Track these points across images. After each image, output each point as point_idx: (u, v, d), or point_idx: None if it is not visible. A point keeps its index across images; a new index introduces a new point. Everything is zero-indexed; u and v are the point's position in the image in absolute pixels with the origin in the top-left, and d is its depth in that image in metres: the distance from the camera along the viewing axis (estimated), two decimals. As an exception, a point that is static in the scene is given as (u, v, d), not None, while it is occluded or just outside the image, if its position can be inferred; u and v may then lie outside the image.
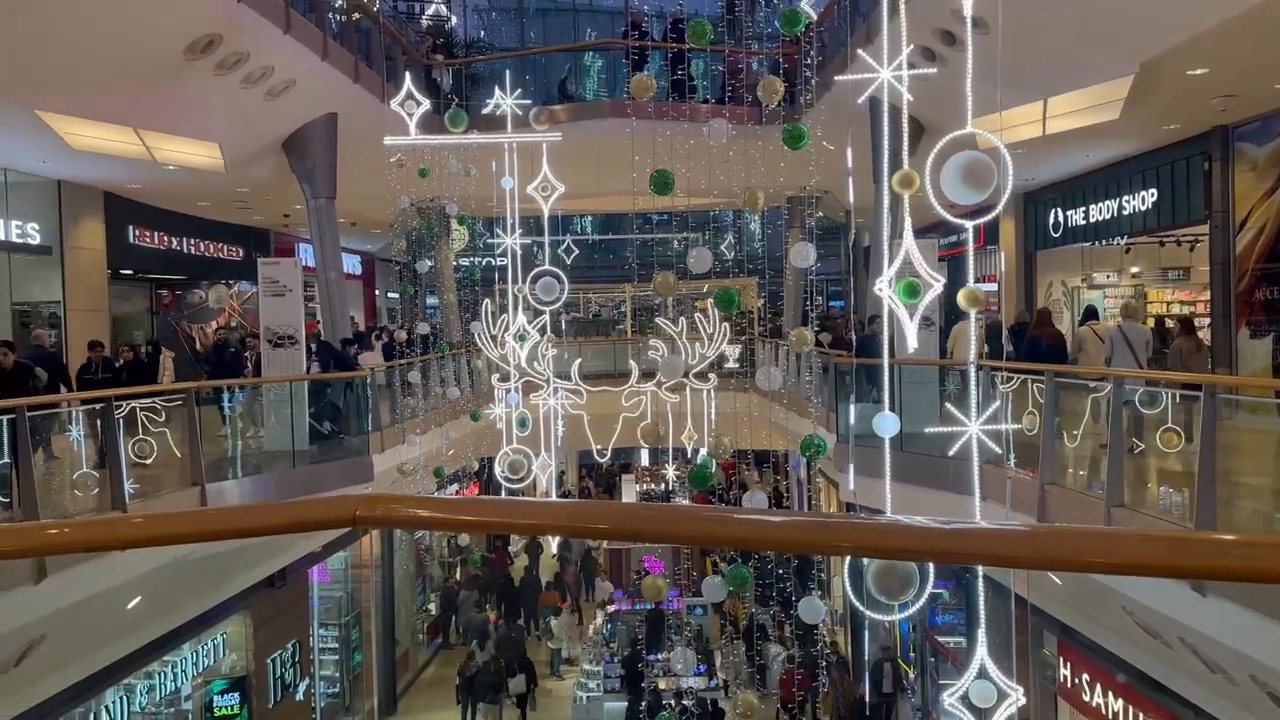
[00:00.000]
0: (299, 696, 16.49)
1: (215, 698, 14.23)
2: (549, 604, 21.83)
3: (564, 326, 15.00)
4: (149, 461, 10.40)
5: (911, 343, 5.43)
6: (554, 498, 12.11)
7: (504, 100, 12.01)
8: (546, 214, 11.21)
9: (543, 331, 11.44)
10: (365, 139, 14.00)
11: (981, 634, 6.25)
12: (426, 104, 11.70)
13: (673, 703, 16.22)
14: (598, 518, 2.21)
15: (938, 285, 5.34)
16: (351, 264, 28.21)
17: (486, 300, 13.14)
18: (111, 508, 8.76)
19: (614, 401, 12.76)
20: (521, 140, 11.29)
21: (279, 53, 12.97)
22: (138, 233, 18.82)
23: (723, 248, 31.88)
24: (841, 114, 8.71)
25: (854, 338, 13.64)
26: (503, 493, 12.62)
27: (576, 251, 30.65)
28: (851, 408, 11.20)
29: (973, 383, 5.87)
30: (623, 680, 18.05)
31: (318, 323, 16.27)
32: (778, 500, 16.53)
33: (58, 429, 10.36)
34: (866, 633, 15.56)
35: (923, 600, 5.65)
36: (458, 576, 22.78)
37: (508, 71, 12.81)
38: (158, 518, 2.19)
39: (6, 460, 7.99)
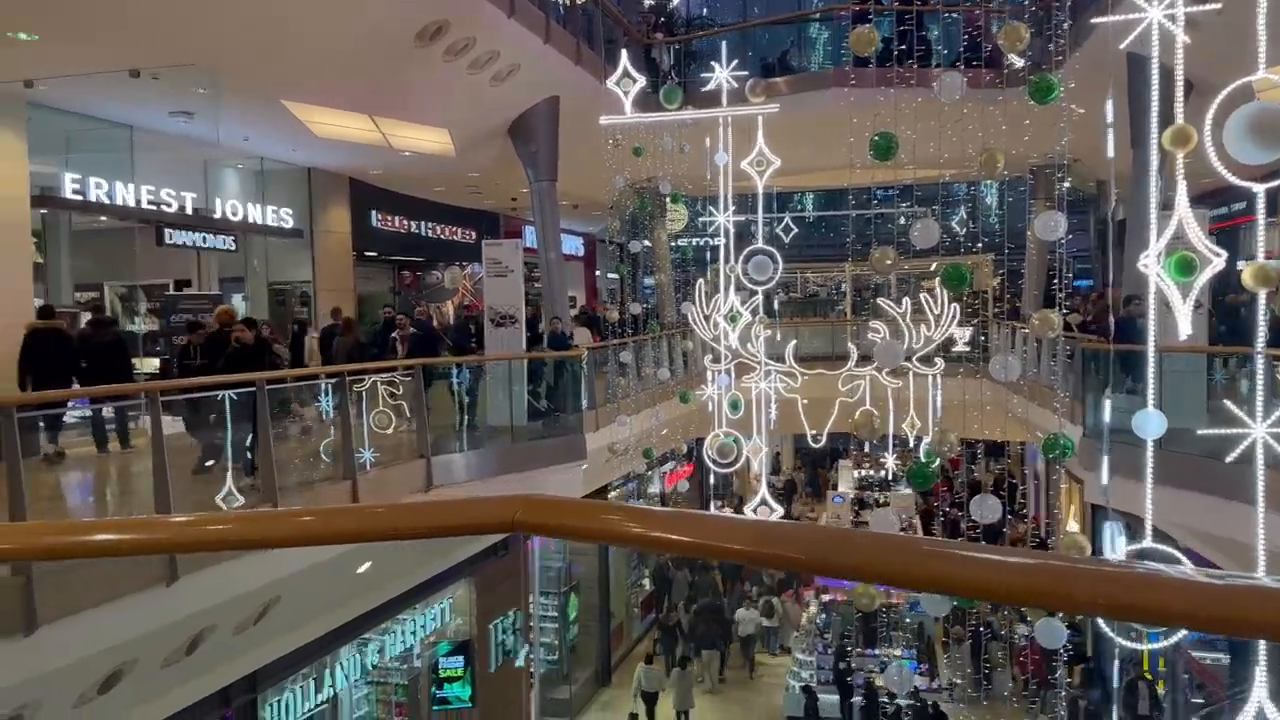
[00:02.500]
0: (519, 663, 17.06)
1: (441, 659, 14.95)
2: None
3: (776, 307, 14.52)
4: (389, 431, 10.92)
5: (1184, 328, 4.60)
6: (764, 485, 11.70)
7: (720, 73, 11.63)
8: (761, 190, 10.76)
9: (755, 312, 11.02)
10: (586, 120, 14.09)
11: (1260, 673, 5.30)
12: (641, 81, 11.52)
13: (886, 700, 15.49)
14: (789, 542, 1.80)
15: (1218, 261, 4.49)
16: (574, 245, 28.86)
17: (700, 280, 12.88)
18: (343, 478, 9.22)
19: (831, 385, 12.16)
20: (735, 114, 10.88)
21: (503, 37, 13.22)
22: (380, 217, 20.01)
23: (953, 223, 30.09)
24: (1096, 71, 7.71)
25: (1110, 320, 12.29)
26: (711, 476, 12.34)
27: (795, 230, 29.89)
28: (1106, 400, 10.03)
29: (1259, 375, 4.94)
30: (835, 674, 17.47)
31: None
32: (1010, 499, 15.29)
33: (301, 401, 11.11)
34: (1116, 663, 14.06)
35: (1179, 635, 4.82)
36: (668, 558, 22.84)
37: (723, 44, 12.42)
38: (312, 515, 1.99)
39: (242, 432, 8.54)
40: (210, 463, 8.71)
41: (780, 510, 11.87)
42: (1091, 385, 11.13)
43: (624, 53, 11.45)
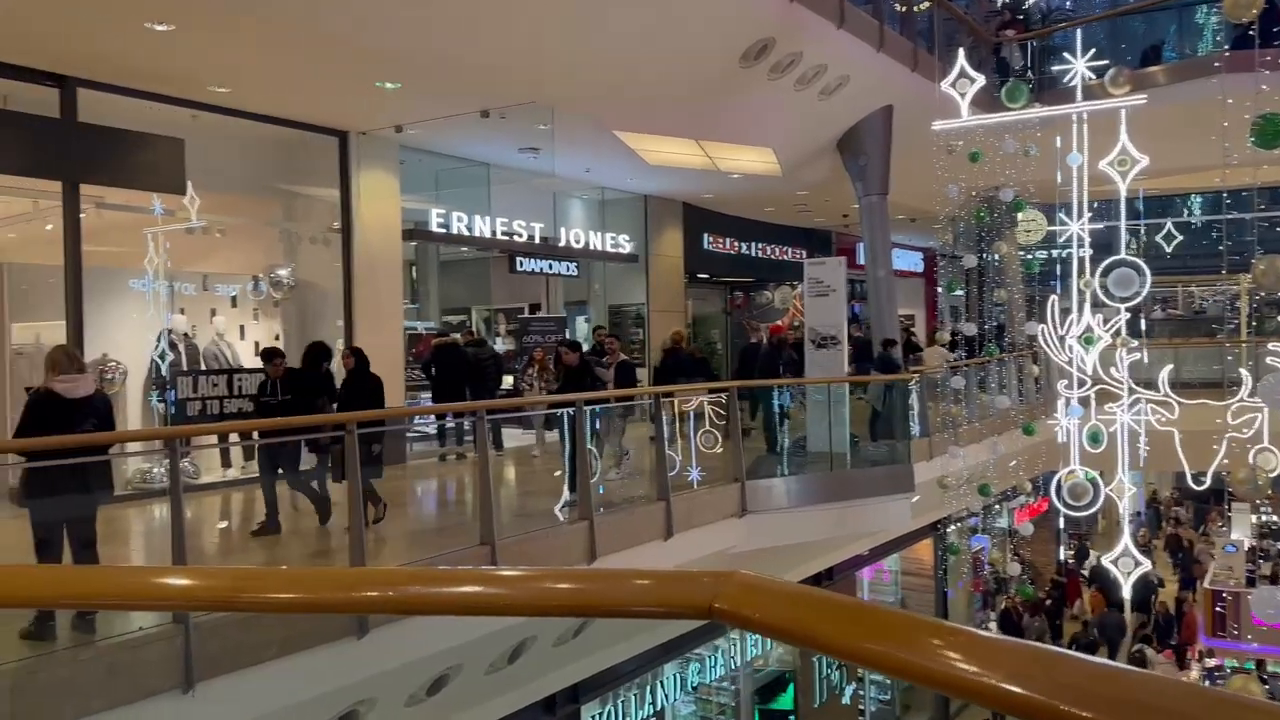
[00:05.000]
0: (845, 700, 16.37)
1: (765, 688, 14.75)
2: None
3: (1143, 325, 12.65)
4: (718, 450, 10.86)
5: None
6: (1127, 534, 10.16)
7: (1076, 65, 10.40)
8: (1124, 193, 9.41)
9: (1116, 333, 9.63)
10: (923, 128, 13.28)
11: None
12: (980, 81, 10.56)
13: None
14: (1073, 694, 1.19)
15: None
16: (911, 261, 27.55)
17: (1053, 297, 11.59)
18: (657, 499, 9.23)
19: (1217, 417, 10.43)
20: (1092, 109, 9.61)
21: (832, 50, 12.77)
22: (711, 239, 20.34)
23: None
24: None
25: None
26: (1061, 520, 10.98)
27: (1180, 237, 26.23)
28: None
29: None
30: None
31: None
32: None
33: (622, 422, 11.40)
34: None
35: None
36: (1015, 599, 20.88)
37: (1078, 33, 11.04)
38: (475, 577, 1.71)
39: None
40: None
41: (1147, 563, 10.27)
42: None
43: (960, 52, 10.56)
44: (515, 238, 15.08)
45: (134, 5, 8.11)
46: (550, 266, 16.16)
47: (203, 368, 11.43)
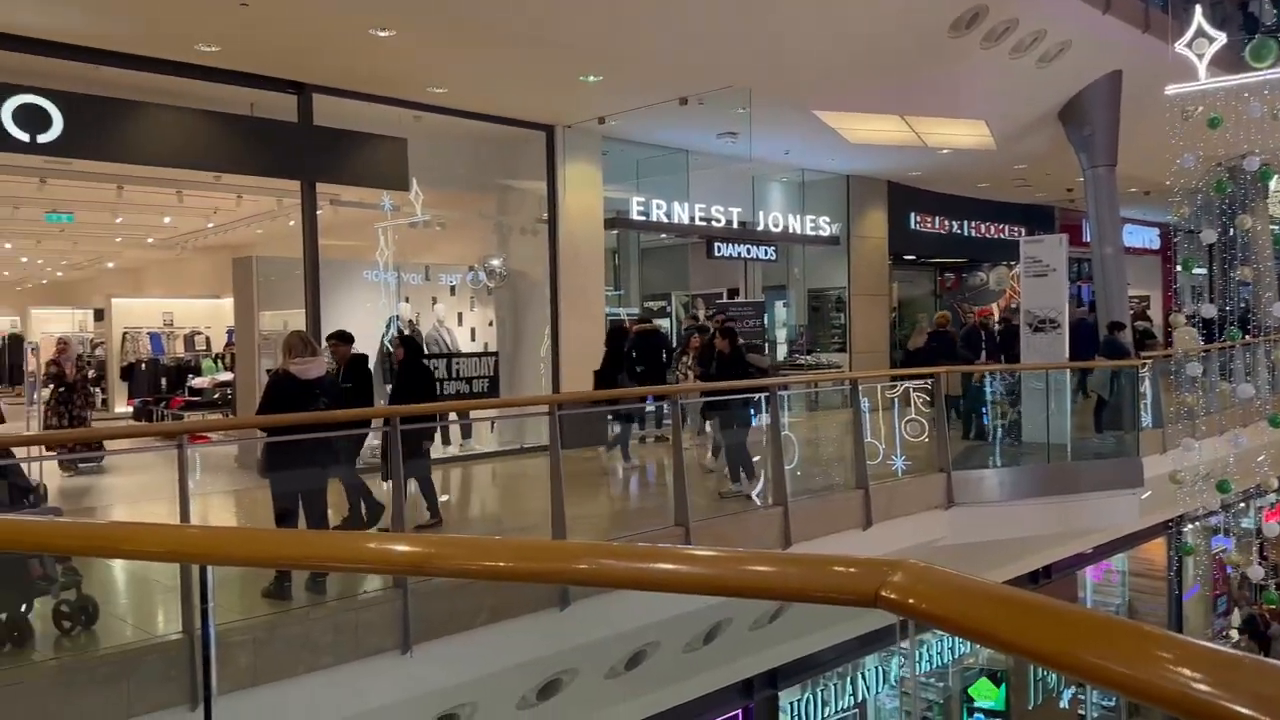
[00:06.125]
0: (1063, 703, 15.49)
1: (974, 686, 14.18)
2: None
3: None
4: (924, 438, 10.53)
5: None
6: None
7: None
8: (1399, 154, 8.26)
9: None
10: (1156, 94, 12.23)
11: None
12: (1221, 39, 9.56)
13: None
14: None
15: None
16: (1146, 237, 25.44)
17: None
18: (855, 487, 9.03)
19: None
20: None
21: (1051, 14, 11.99)
22: (918, 219, 19.56)
23: None
24: None
25: None
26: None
27: None
28: None
29: None
30: None
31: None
32: None
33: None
34: None
35: None
36: (1261, 606, 18.87)
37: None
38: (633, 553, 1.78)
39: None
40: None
41: None
42: None
43: (1197, 8, 9.59)
44: (713, 223, 15.12)
45: (360, 13, 8.74)
46: (748, 251, 16.09)
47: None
